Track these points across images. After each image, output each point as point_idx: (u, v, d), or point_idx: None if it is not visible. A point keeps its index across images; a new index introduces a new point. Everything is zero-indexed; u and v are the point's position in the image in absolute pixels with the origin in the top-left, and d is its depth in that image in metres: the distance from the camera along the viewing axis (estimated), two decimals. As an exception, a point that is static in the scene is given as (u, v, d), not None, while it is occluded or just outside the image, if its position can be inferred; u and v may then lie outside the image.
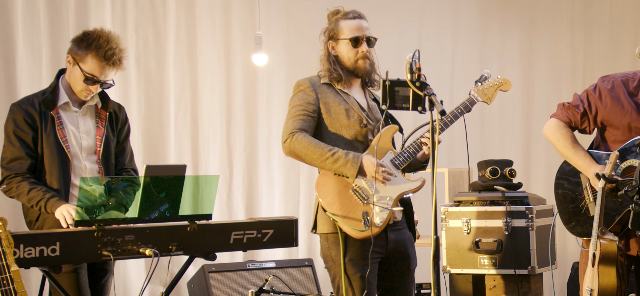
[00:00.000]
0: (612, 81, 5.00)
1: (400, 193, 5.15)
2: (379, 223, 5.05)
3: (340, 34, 5.30)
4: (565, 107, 5.12)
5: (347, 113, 5.22)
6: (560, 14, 9.09)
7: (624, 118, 4.92)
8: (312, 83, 5.29)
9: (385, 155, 5.18)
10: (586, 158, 4.95)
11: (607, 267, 4.63)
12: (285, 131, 5.18)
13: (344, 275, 5.13)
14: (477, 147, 8.84)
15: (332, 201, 5.13)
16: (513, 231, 6.65)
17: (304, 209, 8.72)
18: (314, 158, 5.09)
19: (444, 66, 9.10)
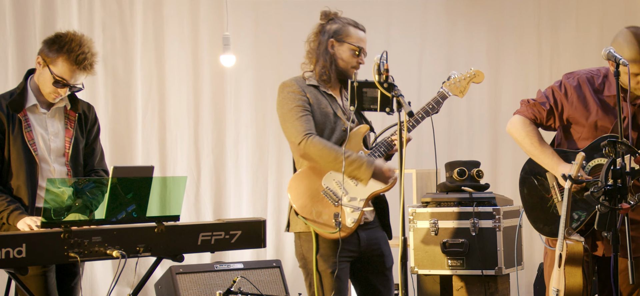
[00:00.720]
0: (577, 78, 5.01)
1: (371, 193, 5.20)
2: (350, 224, 5.12)
3: (346, 37, 5.34)
4: (530, 104, 5.11)
5: (334, 116, 5.29)
6: (526, 15, 9.14)
7: (589, 116, 4.94)
8: (299, 85, 5.31)
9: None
10: (554, 156, 4.96)
11: (573, 268, 4.65)
12: (297, 133, 5.18)
13: (316, 272, 5.17)
14: (445, 148, 8.87)
15: (304, 204, 5.19)
16: (480, 232, 6.67)
17: (272, 210, 8.71)
18: (329, 160, 5.14)
19: (411, 67, 9.12)
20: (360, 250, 5.28)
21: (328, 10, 5.48)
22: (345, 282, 5.24)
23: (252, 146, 8.68)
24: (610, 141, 4.20)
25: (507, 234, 6.73)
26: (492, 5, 9.22)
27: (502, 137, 8.98)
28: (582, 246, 4.64)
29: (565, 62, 8.96)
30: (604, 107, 4.93)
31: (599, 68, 5.04)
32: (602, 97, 4.94)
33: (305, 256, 5.26)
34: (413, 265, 6.85)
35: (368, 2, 8.93)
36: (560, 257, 4.67)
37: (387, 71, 4.54)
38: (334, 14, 5.47)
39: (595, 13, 8.95)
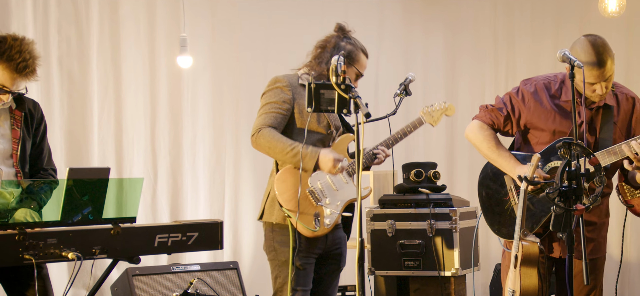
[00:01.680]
0: (535, 84, 5.05)
1: (350, 199, 5.34)
2: (328, 224, 5.26)
3: (356, 62, 5.47)
4: (488, 110, 5.15)
5: (318, 118, 5.36)
6: (482, 16, 9.19)
7: (547, 121, 4.98)
8: (290, 82, 5.38)
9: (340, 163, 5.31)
10: (511, 159, 4.99)
11: (529, 269, 4.68)
12: (255, 126, 5.31)
13: (292, 265, 5.25)
14: (402, 150, 8.89)
15: (289, 199, 5.27)
16: (437, 233, 6.70)
17: (230, 211, 8.69)
18: (276, 151, 5.24)
19: (368, 68, 9.10)
20: (325, 248, 5.41)
21: (344, 26, 5.57)
22: (310, 277, 5.36)
23: (209, 147, 8.65)
24: (566, 143, 4.24)
25: (464, 236, 6.77)
26: (449, 5, 9.26)
27: (458, 138, 9.03)
28: (537, 247, 4.67)
29: (521, 65, 9.02)
30: (561, 112, 4.97)
31: (556, 74, 5.09)
32: (559, 103, 4.98)
33: (277, 248, 5.34)
34: (370, 266, 6.87)
35: (325, 3, 8.94)
36: (516, 258, 4.70)
37: (344, 73, 4.57)
38: (348, 31, 5.57)
39: (550, 16, 9.02)
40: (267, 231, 5.42)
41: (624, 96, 5.04)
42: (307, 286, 5.33)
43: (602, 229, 5.13)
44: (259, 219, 5.47)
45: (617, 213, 8.35)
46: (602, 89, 4.79)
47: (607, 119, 4.96)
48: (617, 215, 8.42)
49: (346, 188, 5.33)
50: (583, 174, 4.29)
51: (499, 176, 5.12)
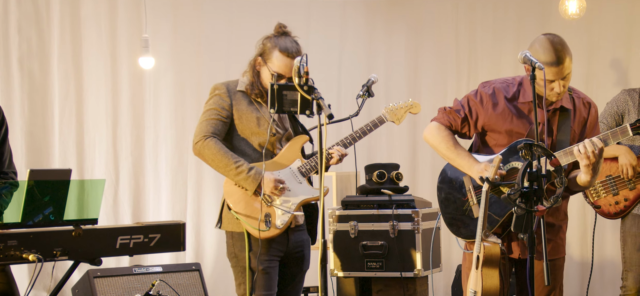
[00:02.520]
0: (493, 87, 5.08)
1: (303, 200, 5.35)
2: (279, 225, 5.26)
3: (268, 61, 5.34)
4: (446, 112, 5.18)
5: (258, 122, 5.34)
6: (444, 17, 9.21)
7: (504, 123, 5.01)
8: (228, 89, 5.39)
9: (293, 163, 5.37)
10: (469, 158, 5.02)
11: (490, 269, 4.70)
12: (198, 133, 5.30)
13: (249, 269, 5.26)
14: (365, 151, 8.91)
15: (238, 201, 5.29)
16: (399, 234, 6.72)
17: (192, 213, 8.67)
18: (220, 165, 5.26)
19: (331, 70, 9.13)
20: (287, 250, 5.41)
21: (280, 24, 5.47)
22: (274, 280, 5.35)
23: (171, 148, 8.63)
24: (527, 144, 4.26)
25: (426, 237, 6.79)
26: (411, 8, 9.28)
27: (421, 140, 9.03)
28: (499, 248, 4.69)
29: (483, 67, 9.07)
30: (518, 114, 5.00)
31: (515, 77, 5.12)
32: (517, 105, 5.01)
33: (238, 255, 5.33)
34: (332, 268, 6.88)
35: (288, 4, 8.93)
36: (477, 259, 4.72)
37: (307, 74, 4.57)
38: (284, 30, 5.45)
39: (511, 18, 9.07)
40: (228, 238, 5.43)
41: (581, 100, 5.09)
42: (271, 290, 5.33)
43: (561, 231, 5.17)
44: (217, 227, 5.47)
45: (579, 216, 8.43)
46: (560, 87, 4.83)
47: (563, 122, 5.00)
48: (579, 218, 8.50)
49: (300, 188, 5.35)
50: (544, 176, 4.32)
51: (458, 176, 5.14)
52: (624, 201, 6.42)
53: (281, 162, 5.37)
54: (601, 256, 8.62)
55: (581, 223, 8.60)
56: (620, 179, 6.39)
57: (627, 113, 6.48)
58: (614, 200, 6.45)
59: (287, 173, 5.35)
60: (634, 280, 6.39)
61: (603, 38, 8.76)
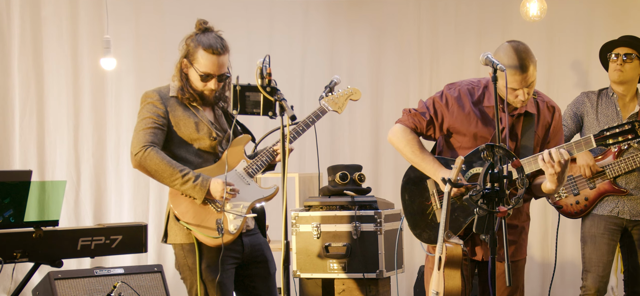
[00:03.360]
0: (459, 89, 5.09)
1: (254, 201, 5.23)
2: (232, 230, 5.11)
3: (194, 61, 5.17)
4: (411, 114, 5.18)
5: (197, 126, 5.20)
6: (407, 19, 9.24)
7: (469, 126, 5.02)
8: (160, 96, 5.21)
9: (238, 165, 5.24)
10: (434, 163, 5.03)
11: (452, 270, 4.72)
12: (137, 144, 5.09)
13: (200, 281, 5.12)
14: (327, 152, 8.92)
15: (186, 210, 5.13)
16: (362, 236, 6.73)
17: (154, 215, 8.63)
18: (164, 176, 5.06)
19: (294, 71, 9.14)
20: (244, 256, 5.29)
21: (202, 21, 5.31)
22: (230, 289, 5.23)
23: (133, 149, 8.59)
24: (489, 146, 4.28)
25: (389, 238, 6.80)
26: (373, 8, 9.30)
27: (383, 141, 9.07)
28: (461, 249, 4.71)
29: (445, 68, 9.11)
30: (483, 117, 5.02)
31: (480, 79, 5.14)
32: (482, 108, 5.03)
33: (189, 267, 5.18)
34: (295, 269, 6.87)
35: (250, 5, 8.92)
36: (439, 260, 4.73)
37: (269, 75, 4.55)
38: (205, 26, 5.29)
39: (473, 19, 9.11)
40: (177, 250, 5.25)
41: (545, 104, 5.12)
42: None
43: (523, 232, 5.20)
44: (163, 241, 5.32)
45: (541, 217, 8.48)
46: (524, 95, 4.85)
47: (528, 127, 5.03)
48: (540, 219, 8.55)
49: (248, 189, 5.23)
50: (505, 177, 4.34)
51: (422, 180, 5.15)
52: (584, 200, 6.47)
53: (224, 165, 5.23)
54: (562, 256, 8.68)
55: (542, 224, 8.65)
56: (581, 179, 6.44)
57: (585, 115, 6.53)
58: (575, 200, 6.50)
59: (234, 176, 5.21)
60: (593, 280, 6.44)
61: (564, 39, 8.83)
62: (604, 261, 6.42)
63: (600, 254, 6.42)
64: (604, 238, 6.42)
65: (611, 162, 6.35)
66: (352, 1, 9.30)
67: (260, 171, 5.29)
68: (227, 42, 5.24)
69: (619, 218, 6.42)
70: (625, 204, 6.41)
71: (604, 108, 6.48)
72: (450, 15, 9.18)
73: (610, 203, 6.43)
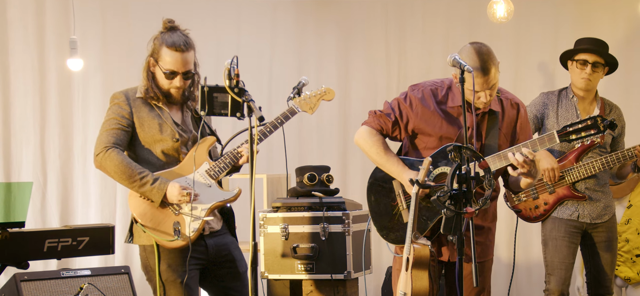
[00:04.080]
0: (422, 90, 5.11)
1: (214, 204, 5.24)
2: (190, 233, 5.13)
3: (159, 59, 5.21)
4: (376, 115, 5.20)
5: (160, 128, 5.22)
6: (374, 20, 9.25)
7: (434, 127, 5.05)
8: (127, 97, 5.25)
9: (201, 166, 5.23)
10: (399, 164, 5.05)
11: (420, 271, 4.73)
12: (99, 145, 5.16)
13: (159, 281, 5.15)
14: (295, 153, 8.92)
15: (144, 212, 5.17)
16: (330, 237, 6.73)
17: (121, 216, 8.59)
18: (123, 178, 5.10)
19: (262, 72, 9.12)
20: (209, 258, 5.31)
21: (169, 20, 5.34)
22: (194, 290, 5.24)
23: (100, 151, 8.54)
24: (456, 147, 4.30)
25: (356, 239, 6.81)
26: (341, 9, 9.30)
27: (351, 142, 9.02)
28: (428, 250, 4.73)
29: (412, 69, 9.12)
30: (448, 118, 5.04)
31: (443, 80, 5.16)
32: (446, 109, 5.05)
33: (152, 268, 5.21)
34: (263, 270, 6.87)
35: (218, 6, 8.90)
36: (407, 260, 4.74)
37: (237, 76, 4.55)
38: (171, 25, 5.31)
39: (441, 20, 9.14)
40: (140, 251, 5.29)
41: (509, 102, 5.15)
42: None
43: (490, 233, 5.23)
44: (128, 242, 5.32)
45: (508, 218, 8.52)
46: (487, 97, 4.88)
47: (492, 125, 5.05)
48: (507, 220, 8.59)
49: (209, 192, 5.25)
50: (473, 177, 4.36)
51: (387, 181, 5.17)
52: (543, 205, 6.50)
53: (187, 167, 5.26)
54: (528, 257, 8.72)
55: (510, 225, 8.68)
56: (541, 183, 6.47)
57: (546, 116, 6.56)
58: (534, 204, 6.53)
59: (193, 181, 5.24)
60: (556, 283, 6.47)
61: (530, 41, 8.87)
62: (565, 264, 6.45)
63: (561, 256, 6.45)
64: (565, 241, 6.45)
65: (570, 167, 6.38)
66: (320, 2, 9.30)
67: (223, 173, 5.30)
68: (191, 40, 5.26)
69: (580, 222, 6.46)
70: (585, 208, 6.45)
71: (564, 111, 6.51)
72: (418, 16, 9.21)
73: (570, 207, 6.46)
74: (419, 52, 9.18)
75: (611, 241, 6.51)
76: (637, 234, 7.73)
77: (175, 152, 5.25)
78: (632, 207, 7.77)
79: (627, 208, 7.76)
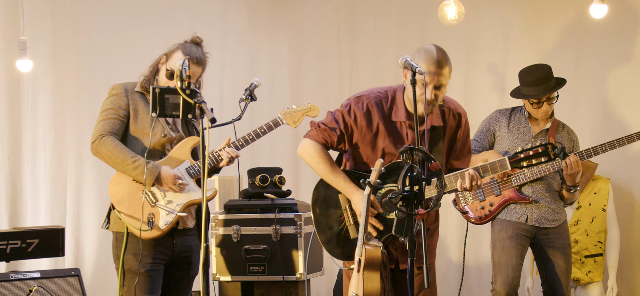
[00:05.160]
0: (366, 103, 5.06)
1: (189, 201, 5.39)
2: (162, 226, 5.29)
3: (170, 58, 5.47)
4: (320, 129, 5.14)
5: (152, 122, 5.37)
6: (326, 21, 9.24)
7: (377, 141, 5.04)
8: (126, 89, 5.46)
9: (182, 164, 5.41)
10: (347, 181, 5.03)
11: (371, 272, 4.74)
12: (95, 133, 5.35)
13: (121, 269, 5.28)
14: (248, 155, 8.89)
15: (122, 200, 5.32)
16: (282, 238, 6.74)
17: (71, 217, 8.51)
18: (117, 162, 5.29)
19: (213, 73, 9.08)
20: (173, 254, 5.43)
21: (196, 36, 5.65)
22: (157, 283, 5.36)
23: (50, 152, 8.46)
24: (408, 148, 4.31)
25: (309, 240, 6.81)
26: (293, 10, 9.29)
27: (304, 144, 9.06)
28: (380, 251, 4.73)
29: (364, 71, 9.13)
30: (391, 132, 5.03)
31: (387, 89, 5.11)
32: (391, 120, 5.04)
33: (120, 256, 5.32)
34: (215, 272, 6.85)
35: (170, 7, 8.86)
36: (359, 262, 4.75)
37: (189, 78, 4.55)
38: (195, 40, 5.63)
39: (392, 23, 9.16)
40: (113, 239, 5.42)
41: (451, 112, 5.14)
42: (154, 293, 5.33)
43: (434, 235, 5.25)
44: (105, 228, 5.45)
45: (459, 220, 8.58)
46: (432, 95, 4.86)
47: (436, 141, 5.06)
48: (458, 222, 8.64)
49: (186, 189, 5.39)
50: (424, 179, 4.37)
51: (333, 195, 5.15)
52: (489, 206, 6.55)
53: (169, 162, 5.40)
54: (479, 258, 8.78)
55: (461, 226, 8.73)
56: (487, 186, 6.52)
57: (497, 131, 6.62)
58: (480, 206, 6.58)
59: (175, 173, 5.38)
60: (502, 283, 6.51)
61: (481, 43, 8.92)
62: (512, 264, 6.49)
63: (508, 257, 6.49)
64: (513, 242, 6.49)
65: (517, 170, 6.43)
66: (272, 3, 9.29)
67: None
68: (206, 59, 5.61)
69: (528, 225, 6.51)
70: (533, 212, 6.50)
71: (516, 124, 6.56)
72: (369, 18, 9.22)
73: (519, 210, 6.51)
74: (370, 54, 9.19)
75: (564, 247, 6.55)
76: (586, 236, 7.81)
77: (161, 147, 5.43)
78: (580, 208, 7.85)
79: (577, 210, 7.83)
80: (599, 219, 7.82)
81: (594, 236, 7.80)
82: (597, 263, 7.81)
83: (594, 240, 7.80)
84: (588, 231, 7.80)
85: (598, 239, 7.81)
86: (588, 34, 8.56)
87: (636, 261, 8.49)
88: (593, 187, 7.90)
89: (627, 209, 8.43)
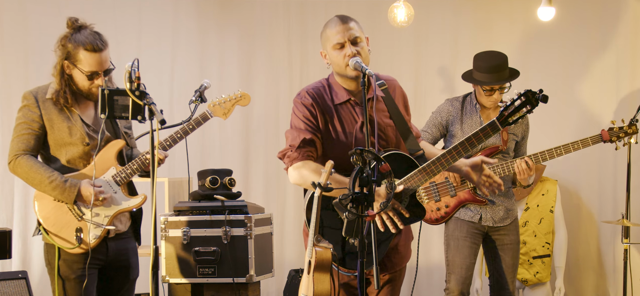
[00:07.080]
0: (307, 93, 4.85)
1: (117, 211, 5.27)
2: (91, 239, 5.16)
3: (78, 62, 5.16)
4: (298, 149, 4.83)
5: (70, 131, 5.21)
6: (277, 21, 9.22)
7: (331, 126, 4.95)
8: (36, 98, 5.21)
9: (107, 171, 5.24)
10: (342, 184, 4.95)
11: (321, 274, 4.75)
12: (10, 153, 5.18)
13: (58, 277, 5.17)
14: (197, 156, 8.86)
15: (48, 215, 5.18)
16: (232, 240, 6.72)
17: (19, 219, 8.44)
18: (34, 183, 5.13)
19: (163, 74, 9.04)
20: (108, 259, 5.33)
21: (73, 19, 5.28)
22: (90, 286, 5.25)
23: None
24: (358, 149, 4.31)
25: (259, 242, 6.81)
26: (243, 10, 9.26)
27: (254, 145, 9.06)
28: (330, 252, 4.74)
29: (314, 72, 9.12)
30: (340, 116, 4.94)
31: (318, 83, 4.96)
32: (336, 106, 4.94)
33: (51, 262, 5.22)
34: (164, 274, 6.82)
35: (118, 6, 8.81)
36: (309, 263, 4.75)
37: (138, 79, 4.51)
38: (78, 24, 5.26)
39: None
40: (45, 248, 5.31)
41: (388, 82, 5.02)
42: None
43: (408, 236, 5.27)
44: (36, 234, 5.33)
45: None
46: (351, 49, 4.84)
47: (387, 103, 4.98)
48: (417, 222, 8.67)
49: (114, 198, 5.27)
50: (374, 180, 4.38)
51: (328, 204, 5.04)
52: (445, 207, 6.59)
53: (94, 171, 5.22)
54: (428, 259, 8.82)
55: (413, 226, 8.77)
56: (443, 186, 6.55)
57: (451, 123, 6.63)
58: (435, 206, 6.61)
59: (101, 183, 5.24)
60: (456, 281, 6.55)
61: (430, 45, 8.97)
62: (466, 264, 6.54)
63: (462, 256, 6.55)
64: (467, 241, 6.54)
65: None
66: (222, 4, 9.26)
67: (130, 179, 5.29)
68: (104, 36, 5.25)
69: (482, 224, 6.56)
70: (487, 212, 6.55)
71: (468, 118, 6.59)
72: (319, 19, 9.22)
73: (473, 209, 6.56)
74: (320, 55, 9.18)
75: (513, 244, 6.62)
76: (534, 237, 7.88)
77: (84, 155, 5.24)
78: (529, 209, 7.92)
79: (525, 211, 7.90)
80: (546, 220, 7.89)
81: (542, 237, 7.87)
82: (544, 264, 7.89)
83: (541, 241, 7.87)
84: (536, 232, 7.87)
85: (546, 241, 7.88)
86: (536, 37, 8.65)
87: (583, 263, 8.59)
88: (541, 188, 7.98)
89: (575, 211, 8.52)
